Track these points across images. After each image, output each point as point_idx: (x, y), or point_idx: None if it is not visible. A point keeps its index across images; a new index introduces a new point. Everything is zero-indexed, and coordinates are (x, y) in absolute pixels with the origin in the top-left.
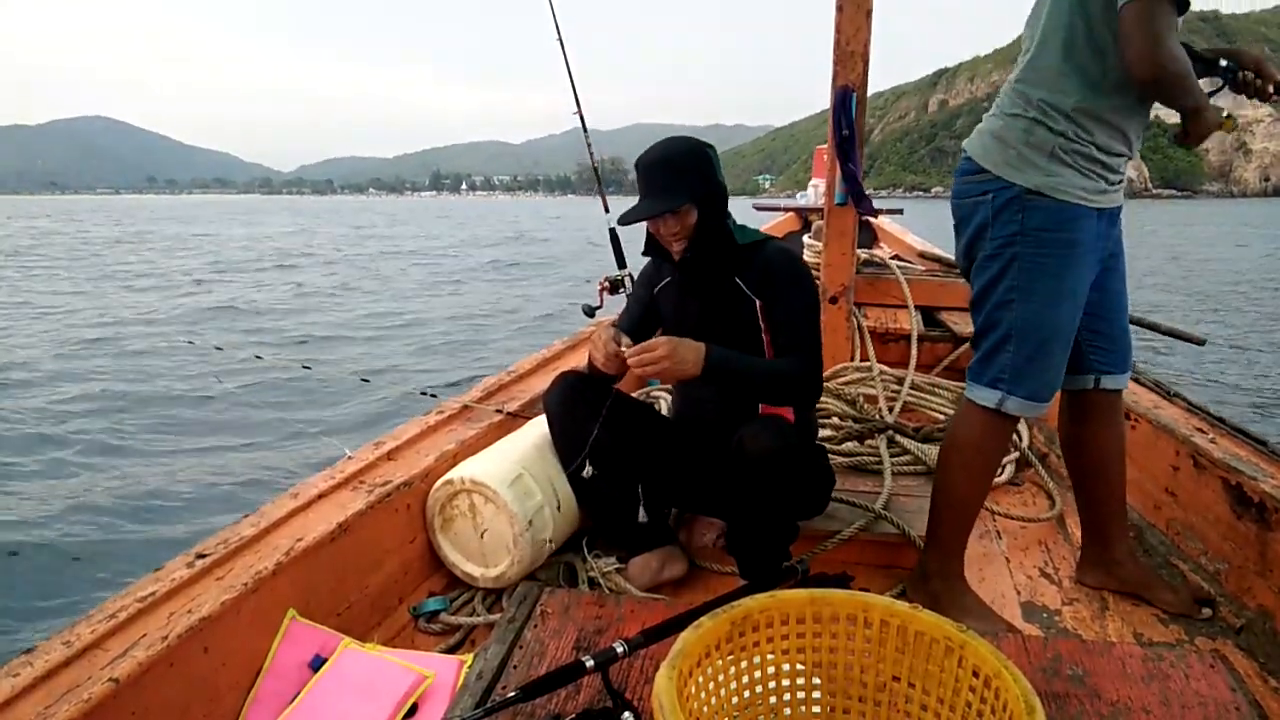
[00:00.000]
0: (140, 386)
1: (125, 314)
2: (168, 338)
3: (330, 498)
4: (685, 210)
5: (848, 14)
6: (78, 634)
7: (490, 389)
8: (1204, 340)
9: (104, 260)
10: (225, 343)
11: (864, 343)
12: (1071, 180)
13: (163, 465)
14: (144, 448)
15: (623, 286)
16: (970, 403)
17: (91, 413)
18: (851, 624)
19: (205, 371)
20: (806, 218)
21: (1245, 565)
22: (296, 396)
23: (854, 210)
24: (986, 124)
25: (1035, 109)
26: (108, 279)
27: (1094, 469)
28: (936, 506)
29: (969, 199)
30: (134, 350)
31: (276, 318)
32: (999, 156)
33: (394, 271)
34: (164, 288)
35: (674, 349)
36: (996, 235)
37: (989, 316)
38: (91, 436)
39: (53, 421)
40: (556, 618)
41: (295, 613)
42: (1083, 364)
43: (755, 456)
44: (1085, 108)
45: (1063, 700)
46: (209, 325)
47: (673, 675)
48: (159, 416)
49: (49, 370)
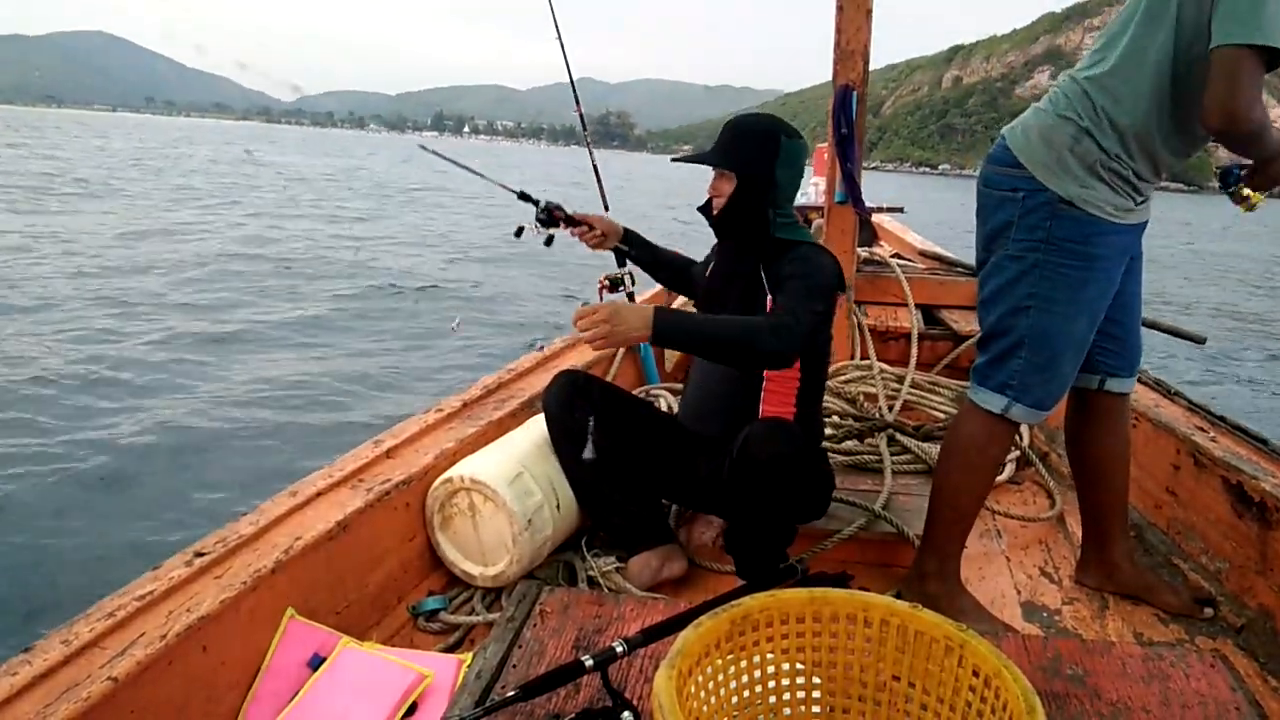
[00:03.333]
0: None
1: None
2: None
3: (329, 496)
4: (724, 175)
5: (848, 14)
6: (76, 632)
7: (490, 387)
8: (1204, 339)
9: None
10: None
11: (864, 341)
12: (1104, 195)
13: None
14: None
15: (622, 284)
16: (973, 405)
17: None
18: (851, 623)
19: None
20: (806, 216)
21: (1246, 565)
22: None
23: (854, 209)
24: (1034, 118)
25: (1089, 118)
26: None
27: (1096, 470)
28: (934, 508)
29: (998, 191)
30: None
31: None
32: (1040, 157)
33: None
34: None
35: (614, 311)
36: (1021, 237)
37: (1002, 320)
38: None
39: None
40: (556, 617)
41: (294, 611)
42: (1090, 363)
43: (762, 460)
44: (1142, 134)
45: (1063, 700)
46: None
47: (672, 674)
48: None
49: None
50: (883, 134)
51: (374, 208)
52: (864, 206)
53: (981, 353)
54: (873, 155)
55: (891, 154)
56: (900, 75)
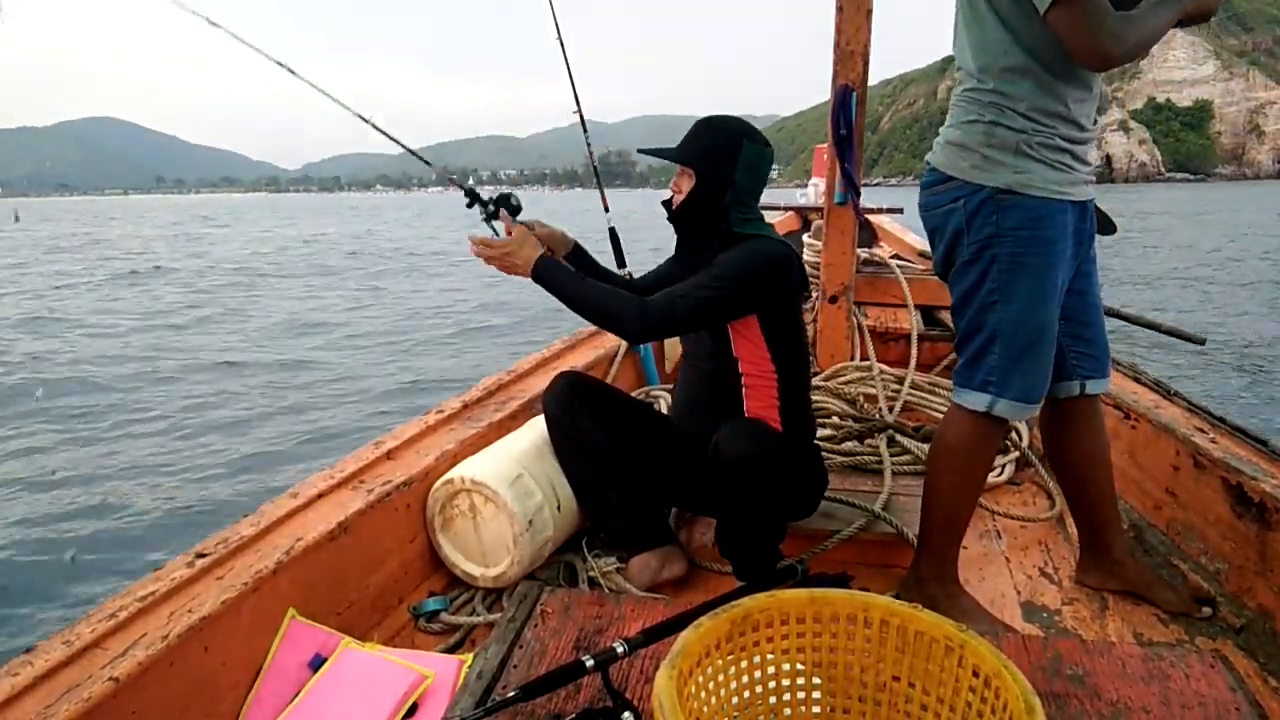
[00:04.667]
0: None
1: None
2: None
3: (330, 497)
4: (685, 173)
5: (848, 14)
6: (78, 633)
7: (490, 388)
8: (1204, 339)
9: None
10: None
11: (864, 342)
12: (1042, 174)
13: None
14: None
15: None
16: (958, 407)
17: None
18: (851, 624)
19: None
20: (806, 217)
21: (1245, 565)
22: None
23: (854, 210)
24: (944, 136)
25: (992, 112)
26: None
27: (1082, 474)
28: (928, 513)
29: (939, 209)
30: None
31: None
32: (964, 163)
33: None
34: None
35: (509, 247)
36: (974, 239)
37: (972, 320)
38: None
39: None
40: (556, 617)
41: (295, 612)
42: (1066, 370)
43: (729, 460)
44: (1040, 106)
45: (1063, 700)
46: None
47: (673, 675)
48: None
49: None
50: (883, 149)
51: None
52: (858, 208)
53: (960, 356)
54: (874, 171)
55: (893, 169)
56: (895, 90)
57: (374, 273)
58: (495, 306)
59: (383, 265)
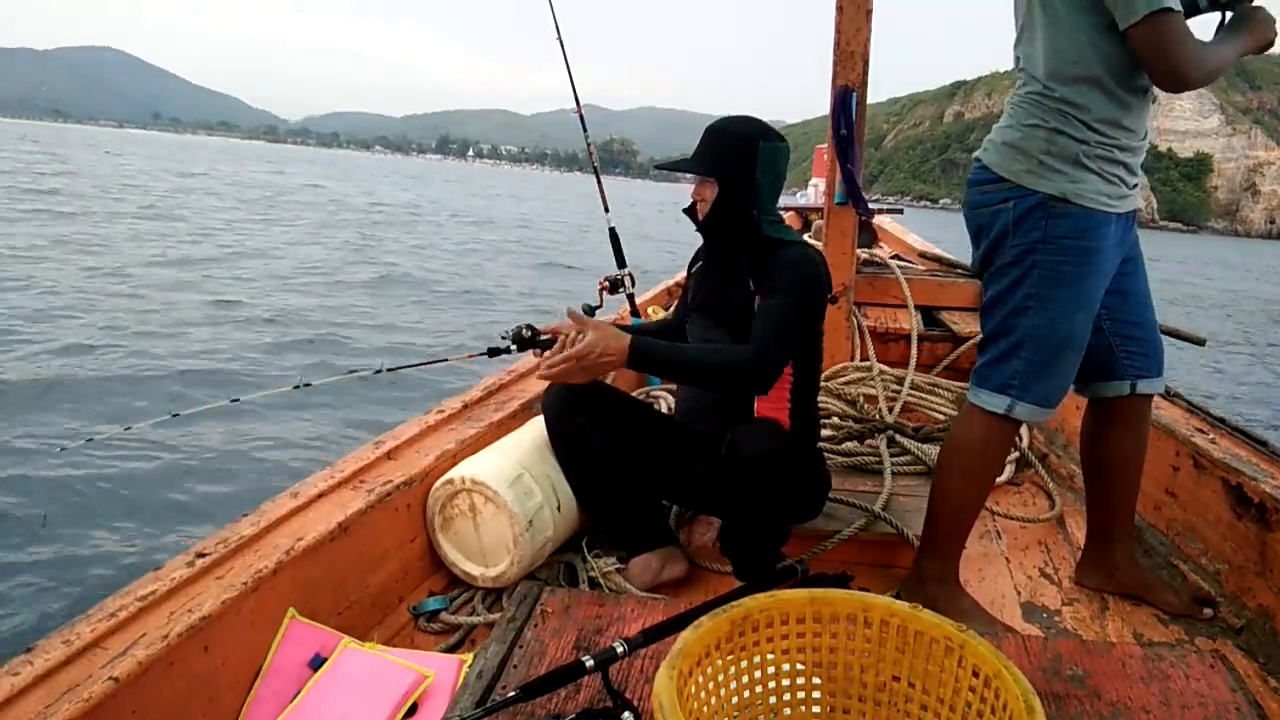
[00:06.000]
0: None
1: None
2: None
3: (330, 497)
4: (706, 181)
5: (848, 14)
6: (78, 633)
7: (490, 388)
8: (1204, 340)
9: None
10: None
11: (864, 342)
12: (1095, 186)
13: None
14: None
15: (622, 286)
16: (975, 407)
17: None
18: (851, 624)
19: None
20: (806, 217)
21: (1245, 565)
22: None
23: (854, 210)
24: (1001, 135)
25: (1056, 119)
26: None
27: (1113, 477)
28: (934, 510)
29: (988, 208)
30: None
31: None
32: (1020, 166)
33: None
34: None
35: (590, 347)
36: (1018, 242)
37: (1003, 322)
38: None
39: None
40: (556, 617)
41: (295, 612)
42: (1118, 369)
43: (747, 459)
44: (1105, 117)
45: (1063, 700)
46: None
47: (673, 675)
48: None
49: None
50: (884, 167)
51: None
52: (865, 206)
53: (981, 356)
54: (874, 188)
55: (893, 187)
56: (903, 109)
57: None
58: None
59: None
